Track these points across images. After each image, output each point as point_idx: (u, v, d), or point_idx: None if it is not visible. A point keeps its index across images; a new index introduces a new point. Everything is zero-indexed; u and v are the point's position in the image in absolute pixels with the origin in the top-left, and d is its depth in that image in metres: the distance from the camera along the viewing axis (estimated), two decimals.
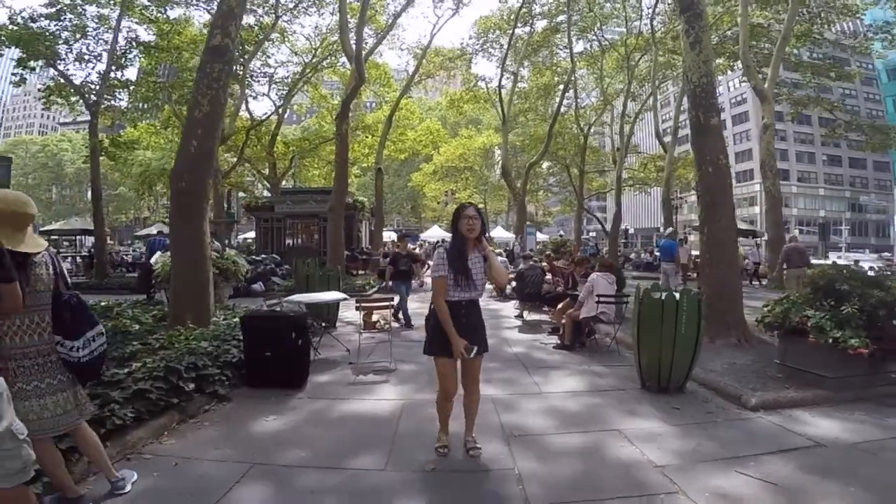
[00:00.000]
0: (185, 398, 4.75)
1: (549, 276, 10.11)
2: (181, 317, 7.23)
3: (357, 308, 7.06)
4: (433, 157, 36.09)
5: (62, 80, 18.84)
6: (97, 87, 18.85)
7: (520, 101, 29.59)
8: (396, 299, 9.15)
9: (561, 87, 30.02)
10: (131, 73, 23.69)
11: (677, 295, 5.26)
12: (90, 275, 18.70)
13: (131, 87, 22.11)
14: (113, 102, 21.56)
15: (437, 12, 24.76)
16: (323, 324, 8.32)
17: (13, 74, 19.14)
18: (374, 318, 7.45)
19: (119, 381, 4.53)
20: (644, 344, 5.49)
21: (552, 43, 28.23)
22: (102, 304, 9.38)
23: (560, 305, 8.54)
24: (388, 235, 35.41)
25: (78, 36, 19.17)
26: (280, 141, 27.16)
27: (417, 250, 22.20)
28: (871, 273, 6.12)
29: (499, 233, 38.61)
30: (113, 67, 19.02)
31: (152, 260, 10.46)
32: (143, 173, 29.63)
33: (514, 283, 10.50)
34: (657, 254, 28.89)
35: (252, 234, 31.11)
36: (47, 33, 18.20)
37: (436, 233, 39.81)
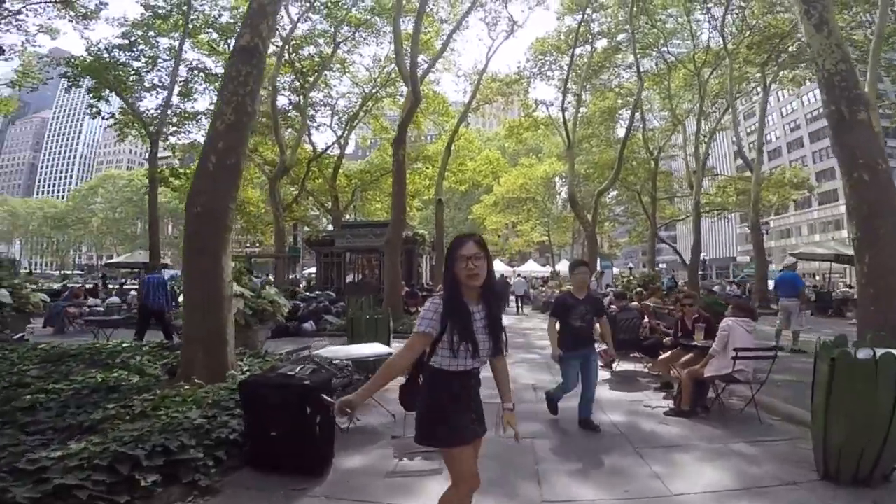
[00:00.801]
0: (141, 495, 3.18)
1: (645, 319, 8.02)
2: (191, 369, 5.76)
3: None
4: (493, 188, 34.51)
5: (128, 110, 18.90)
6: (157, 117, 18.74)
7: (582, 127, 27.69)
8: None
9: (626, 109, 28.31)
10: (202, 105, 23.93)
11: None
12: None
13: (200, 119, 22.15)
14: (182, 134, 21.58)
15: (491, 35, 23.64)
16: (369, 376, 6.62)
17: (88, 106, 19.40)
18: None
19: (40, 471, 3.01)
20: (838, 419, 3.72)
21: (614, 63, 26.54)
22: (124, 344, 8.11)
23: (666, 355, 6.47)
24: None
25: (149, 67, 19.31)
26: (342, 173, 26.43)
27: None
28: None
29: (564, 266, 36.10)
30: (177, 98, 18.92)
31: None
32: None
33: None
34: (745, 286, 25.78)
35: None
36: (118, 64, 18.35)
37: (498, 267, 37.84)
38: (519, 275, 28.51)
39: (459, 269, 2.39)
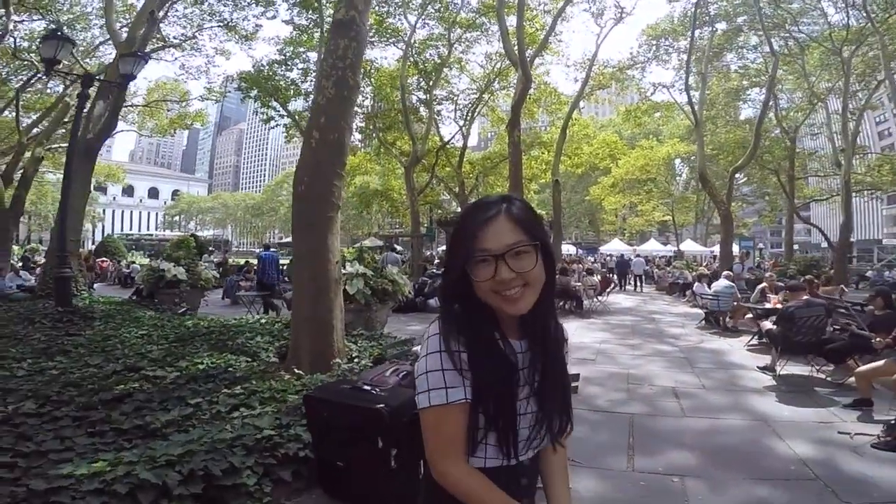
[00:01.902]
0: None
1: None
2: (298, 355, 4.89)
3: None
4: (611, 170, 31.15)
5: (284, 114, 19.53)
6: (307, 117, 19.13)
7: (705, 108, 23.52)
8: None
9: (753, 90, 24.09)
10: None
11: None
12: None
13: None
14: None
15: (598, 23, 20.73)
16: None
17: (255, 112, 20.36)
18: None
19: (50, 492, 2.20)
20: None
21: (736, 45, 22.14)
22: (262, 321, 7.59)
23: (872, 366, 4.27)
24: (566, 249, 31.44)
25: (302, 77, 19.78)
26: (466, 161, 25.54)
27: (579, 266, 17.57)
28: None
29: (688, 246, 31.61)
30: None
31: None
32: (362, 194, 30.81)
33: (766, 325, 6.11)
34: None
35: None
36: (275, 75, 18.96)
37: (616, 246, 34.36)
38: (638, 255, 25.39)
39: (481, 281, 0.95)
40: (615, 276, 18.98)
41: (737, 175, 22.84)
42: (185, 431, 3.08)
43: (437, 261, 24.98)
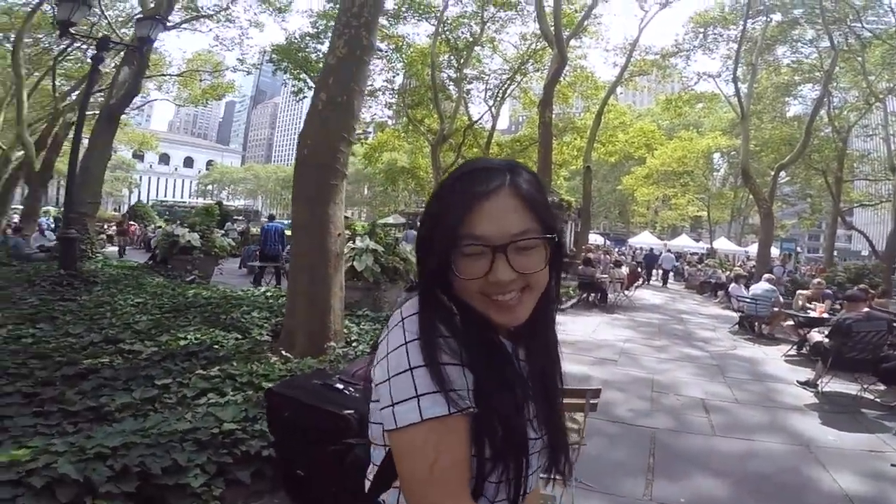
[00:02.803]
0: None
1: None
2: (292, 334, 4.53)
3: None
4: (647, 160, 29.79)
5: (313, 86, 19.31)
6: None
7: (752, 102, 22.04)
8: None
9: (804, 85, 22.56)
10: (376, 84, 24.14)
11: None
12: None
13: (377, 96, 22.12)
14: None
15: (643, 6, 19.44)
16: None
17: (283, 84, 20.20)
18: None
19: None
20: None
21: (790, 38, 20.45)
22: (268, 293, 7.27)
23: None
24: (594, 238, 30.51)
25: None
26: (494, 142, 24.75)
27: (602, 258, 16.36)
28: None
29: (722, 244, 30.19)
30: None
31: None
32: (388, 171, 30.45)
33: (815, 336, 5.40)
34: None
35: None
36: (307, 48, 18.79)
37: (646, 239, 33.14)
38: (668, 249, 24.39)
39: (468, 279, 0.67)
40: (643, 270, 18.23)
41: (780, 174, 21.51)
42: (143, 417, 2.74)
43: None
